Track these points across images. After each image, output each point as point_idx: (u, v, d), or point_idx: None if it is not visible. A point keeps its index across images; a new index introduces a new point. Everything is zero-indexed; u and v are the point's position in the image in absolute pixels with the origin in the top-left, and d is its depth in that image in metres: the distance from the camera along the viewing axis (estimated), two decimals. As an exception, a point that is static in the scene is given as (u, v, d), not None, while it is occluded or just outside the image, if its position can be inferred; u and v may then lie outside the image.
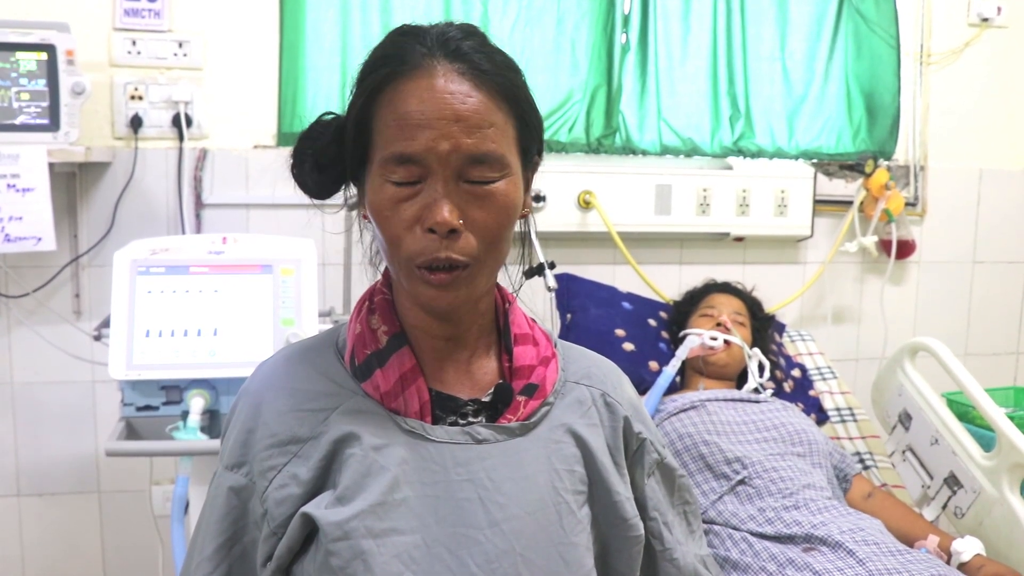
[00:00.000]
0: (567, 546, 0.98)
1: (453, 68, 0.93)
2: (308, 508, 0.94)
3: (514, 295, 1.11)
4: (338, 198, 1.06)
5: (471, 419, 1.01)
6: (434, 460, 0.96)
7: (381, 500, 0.93)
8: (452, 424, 1.00)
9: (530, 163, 1.02)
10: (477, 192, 0.93)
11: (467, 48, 0.94)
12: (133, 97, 2.41)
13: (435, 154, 0.90)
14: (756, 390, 2.24)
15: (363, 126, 0.96)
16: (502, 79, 0.95)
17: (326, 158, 1.00)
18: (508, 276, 1.09)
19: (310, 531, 0.94)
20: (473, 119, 0.92)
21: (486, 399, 1.02)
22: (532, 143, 1.01)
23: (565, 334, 2.42)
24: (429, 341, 1.03)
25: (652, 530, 1.10)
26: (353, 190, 1.04)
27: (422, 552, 0.92)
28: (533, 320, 1.11)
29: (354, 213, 1.07)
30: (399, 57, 0.94)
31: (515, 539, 0.95)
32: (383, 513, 0.93)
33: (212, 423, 1.92)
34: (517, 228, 1.01)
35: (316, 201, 1.04)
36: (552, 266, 2.25)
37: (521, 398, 1.02)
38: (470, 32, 0.97)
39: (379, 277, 1.08)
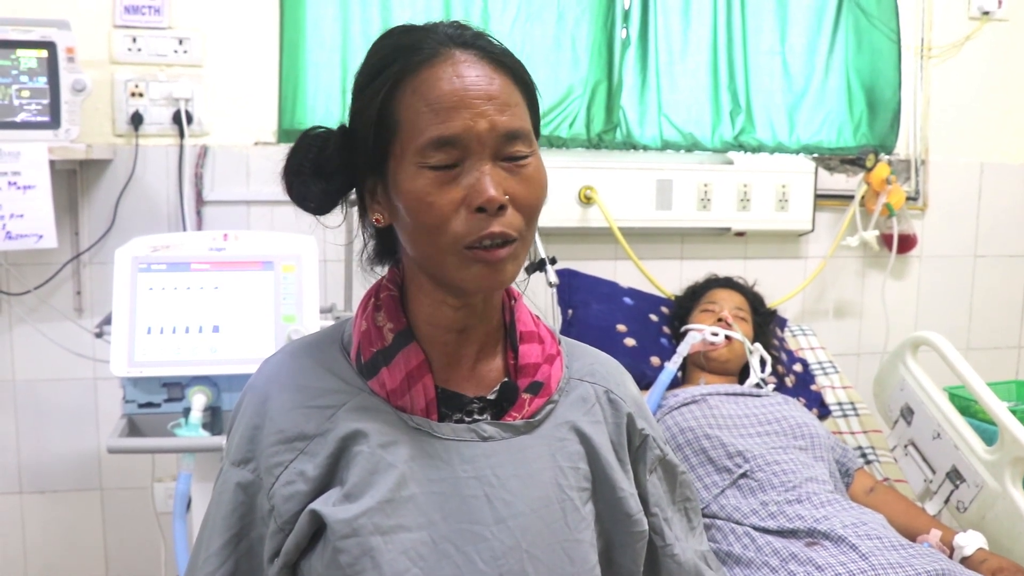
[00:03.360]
0: (572, 542, 0.99)
1: (469, 53, 0.95)
2: (316, 505, 0.94)
3: (520, 292, 1.11)
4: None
5: (476, 417, 1.01)
6: (440, 457, 0.97)
7: (389, 497, 0.93)
8: (458, 421, 1.00)
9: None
10: (514, 169, 0.94)
11: (471, 37, 0.97)
12: (134, 94, 2.41)
13: (474, 133, 0.91)
14: (758, 385, 2.24)
15: (385, 120, 0.95)
16: (512, 62, 0.98)
17: (331, 166, 0.99)
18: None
19: (317, 528, 0.95)
20: (502, 97, 0.93)
21: (491, 397, 1.03)
22: (537, 125, 1.02)
23: (566, 330, 2.42)
24: (439, 336, 1.02)
25: (653, 526, 1.11)
26: (354, 196, 1.04)
27: (429, 548, 0.93)
28: (538, 317, 1.11)
29: (353, 211, 1.06)
30: (415, 47, 0.95)
31: (521, 535, 0.95)
32: (391, 510, 0.93)
33: (214, 420, 1.92)
34: None
35: (318, 217, 1.03)
36: (553, 262, 2.25)
37: (526, 396, 1.03)
38: (466, 26, 0.99)
39: (382, 275, 1.08)
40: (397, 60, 0.95)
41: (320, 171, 0.99)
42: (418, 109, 0.93)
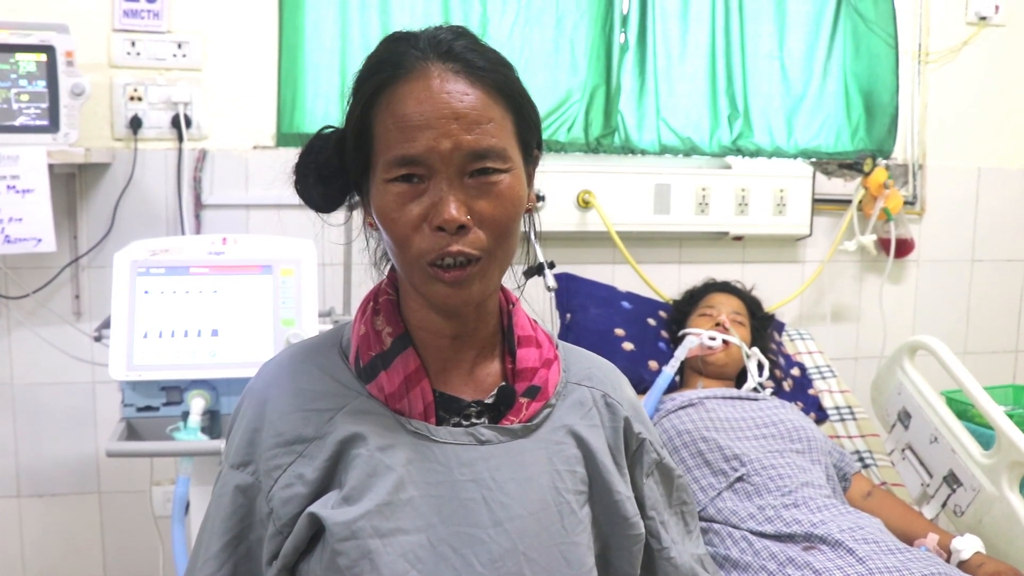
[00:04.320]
0: (569, 545, 0.99)
1: (448, 68, 0.94)
2: (314, 508, 0.95)
3: (518, 297, 1.12)
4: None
5: (474, 420, 1.02)
6: (438, 461, 0.97)
7: (387, 500, 0.94)
8: (455, 425, 1.01)
9: (531, 157, 1.03)
10: (482, 187, 0.94)
11: (459, 48, 0.96)
12: (132, 98, 2.42)
13: (437, 153, 0.91)
14: (755, 389, 2.24)
15: (363, 133, 0.97)
16: (496, 75, 0.96)
17: (329, 170, 1.02)
18: (513, 276, 1.10)
19: (316, 530, 0.95)
20: (471, 116, 0.93)
21: (489, 401, 1.03)
22: (531, 137, 1.02)
23: (565, 334, 2.42)
24: (434, 341, 1.03)
25: (649, 529, 1.11)
26: (357, 198, 1.05)
27: (427, 551, 0.93)
28: (535, 322, 1.12)
29: (354, 214, 1.07)
30: (393, 62, 0.95)
31: (518, 538, 0.96)
32: (389, 513, 0.94)
33: (212, 424, 1.92)
34: (522, 226, 1.02)
35: (322, 216, 1.06)
36: (551, 266, 2.25)
37: (523, 400, 1.04)
38: (460, 33, 0.98)
39: (382, 278, 1.09)
40: (377, 73, 0.96)
41: (320, 174, 1.02)
42: (388, 126, 0.94)
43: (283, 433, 0.98)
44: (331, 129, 1.03)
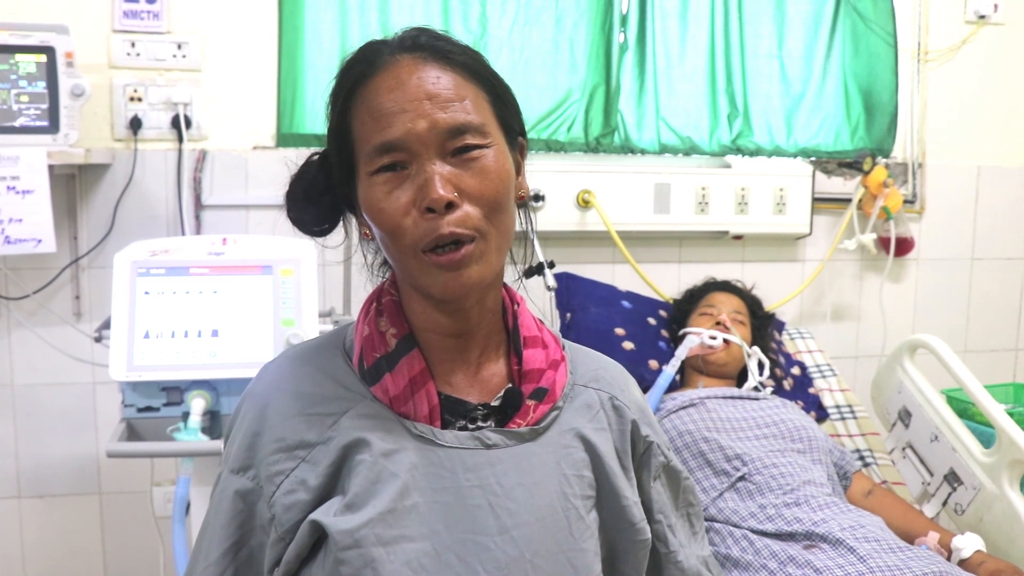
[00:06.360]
0: (576, 552, 0.98)
1: (417, 57, 0.95)
2: (317, 515, 0.93)
3: (522, 296, 1.11)
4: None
5: (480, 423, 1.01)
6: (444, 466, 0.96)
7: (391, 507, 0.92)
8: (461, 428, 1.00)
9: (515, 142, 1.03)
10: (465, 163, 0.94)
11: (425, 39, 0.97)
12: (132, 99, 2.42)
13: (415, 135, 0.92)
14: (756, 388, 2.24)
15: (343, 135, 0.98)
16: (465, 58, 0.97)
17: (316, 189, 1.02)
18: (516, 273, 1.10)
19: (318, 537, 0.94)
20: (444, 95, 0.93)
21: (495, 403, 1.02)
22: (512, 119, 1.02)
23: (565, 333, 2.42)
24: (438, 342, 1.02)
25: (656, 532, 1.11)
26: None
27: (432, 559, 0.92)
28: (541, 322, 1.11)
29: (353, 230, 1.08)
30: (365, 60, 0.97)
31: (525, 546, 0.95)
32: (393, 520, 0.92)
33: (213, 424, 1.92)
34: (519, 227, 1.02)
35: (318, 240, 1.06)
36: (551, 265, 2.25)
37: (531, 402, 1.02)
38: (425, 29, 0.99)
39: (384, 279, 1.08)
40: (349, 74, 0.97)
41: (309, 195, 1.03)
42: (364, 120, 0.95)
43: (285, 438, 0.97)
44: (316, 155, 1.04)
